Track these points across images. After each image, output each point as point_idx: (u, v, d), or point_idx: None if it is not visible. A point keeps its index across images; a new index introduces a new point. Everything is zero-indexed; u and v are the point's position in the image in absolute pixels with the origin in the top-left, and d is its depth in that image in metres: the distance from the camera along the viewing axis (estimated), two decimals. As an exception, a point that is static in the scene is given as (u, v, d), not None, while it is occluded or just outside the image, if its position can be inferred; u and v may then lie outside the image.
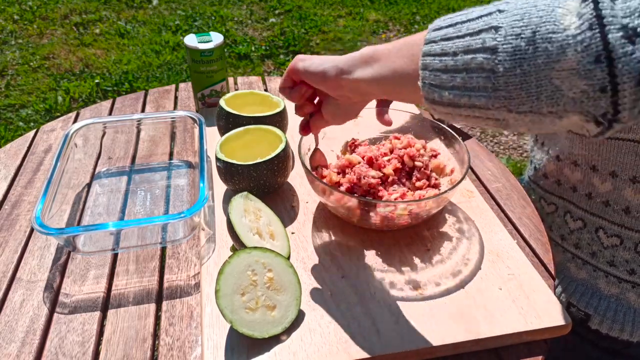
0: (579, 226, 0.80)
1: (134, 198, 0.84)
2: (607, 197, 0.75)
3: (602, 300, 0.79)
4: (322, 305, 0.62)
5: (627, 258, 0.76)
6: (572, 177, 0.80)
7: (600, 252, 0.78)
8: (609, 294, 0.79)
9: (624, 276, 0.77)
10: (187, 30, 3.36)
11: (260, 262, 0.60)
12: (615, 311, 0.78)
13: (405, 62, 0.48)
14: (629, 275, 0.77)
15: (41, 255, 0.73)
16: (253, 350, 0.57)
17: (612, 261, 0.78)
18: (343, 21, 3.58)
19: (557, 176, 0.83)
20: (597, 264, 0.79)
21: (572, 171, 0.79)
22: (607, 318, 0.79)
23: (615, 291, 0.79)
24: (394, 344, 0.57)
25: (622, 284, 0.78)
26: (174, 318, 0.64)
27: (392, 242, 0.72)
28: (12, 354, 0.60)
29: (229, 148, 0.78)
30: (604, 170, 0.74)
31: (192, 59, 0.97)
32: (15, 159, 0.93)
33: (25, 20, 3.46)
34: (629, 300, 0.78)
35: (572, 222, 0.81)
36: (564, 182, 0.82)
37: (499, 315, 0.61)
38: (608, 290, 0.79)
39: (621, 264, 0.77)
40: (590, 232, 0.79)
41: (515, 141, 2.42)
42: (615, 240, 0.76)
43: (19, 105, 2.55)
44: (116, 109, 1.09)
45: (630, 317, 0.78)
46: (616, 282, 0.78)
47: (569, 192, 0.81)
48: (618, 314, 0.78)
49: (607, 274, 0.79)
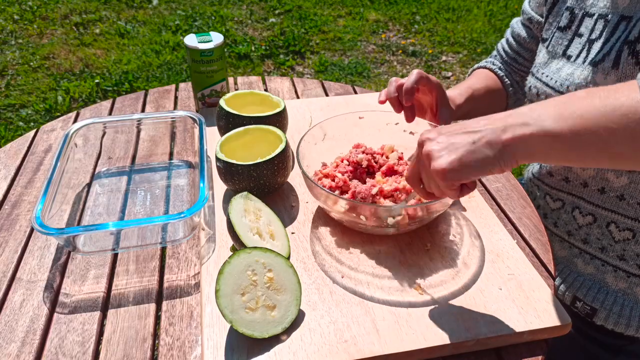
0: (588, 221, 0.80)
1: (134, 198, 0.84)
2: (622, 191, 0.75)
3: (609, 294, 0.80)
4: (322, 305, 0.62)
5: (638, 252, 0.77)
6: (583, 174, 0.79)
7: (611, 247, 0.79)
8: (616, 289, 0.80)
9: (633, 270, 0.78)
10: (187, 30, 3.36)
11: (260, 262, 0.60)
12: (622, 306, 0.79)
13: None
14: (639, 269, 0.77)
15: (41, 255, 0.73)
16: (253, 350, 0.57)
17: (623, 255, 0.78)
18: (343, 21, 3.58)
19: (565, 174, 0.82)
20: (607, 259, 0.80)
21: (584, 169, 0.79)
22: (613, 313, 0.79)
23: (622, 285, 0.79)
24: (394, 344, 0.57)
25: (630, 278, 0.78)
26: (174, 318, 0.64)
27: (392, 242, 0.72)
28: (12, 354, 0.60)
29: (229, 148, 0.78)
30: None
31: (192, 59, 0.97)
32: (15, 159, 0.93)
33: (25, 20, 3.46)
34: (637, 295, 0.78)
35: (581, 218, 0.81)
36: (573, 179, 0.81)
37: (499, 315, 0.61)
38: (616, 284, 0.80)
39: (631, 258, 0.77)
40: (600, 226, 0.79)
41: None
42: (627, 234, 0.76)
43: (19, 105, 2.55)
44: (116, 109, 1.09)
45: (637, 312, 0.78)
46: (624, 277, 0.78)
47: (579, 188, 0.81)
48: (625, 308, 0.78)
49: (615, 269, 0.79)
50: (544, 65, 0.83)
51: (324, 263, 0.68)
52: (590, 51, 0.75)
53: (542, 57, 0.85)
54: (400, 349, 0.57)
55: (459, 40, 3.29)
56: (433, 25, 3.51)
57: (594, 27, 0.76)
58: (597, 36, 0.75)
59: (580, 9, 0.79)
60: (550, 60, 0.83)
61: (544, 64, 0.84)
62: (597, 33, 0.75)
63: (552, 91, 0.79)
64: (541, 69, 0.84)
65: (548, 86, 0.81)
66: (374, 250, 0.70)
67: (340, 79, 2.84)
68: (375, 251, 0.70)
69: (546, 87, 0.81)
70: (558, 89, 0.78)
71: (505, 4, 3.75)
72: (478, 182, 0.87)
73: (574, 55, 0.78)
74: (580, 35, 0.78)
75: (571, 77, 0.76)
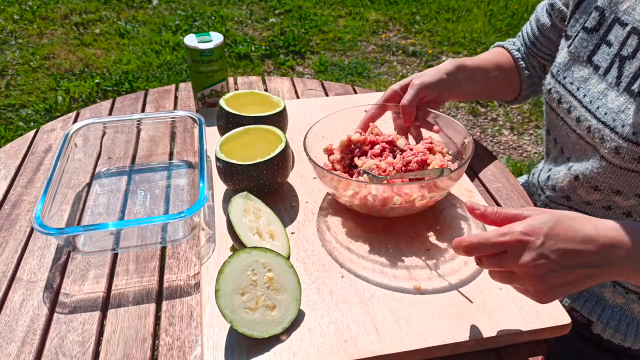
0: None
1: (134, 198, 0.84)
2: (629, 209, 0.73)
3: (606, 308, 0.78)
4: (322, 305, 0.62)
5: None
6: (588, 197, 0.76)
7: None
8: (613, 304, 0.78)
9: (631, 287, 0.76)
10: (187, 30, 3.36)
11: (260, 262, 0.60)
12: (618, 321, 0.77)
13: None
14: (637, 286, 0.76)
15: (41, 255, 0.73)
16: (253, 350, 0.57)
17: None
18: (343, 21, 3.57)
19: (568, 193, 0.79)
20: None
21: (589, 193, 0.76)
22: (610, 327, 0.77)
23: (620, 301, 0.77)
24: (394, 344, 0.57)
25: (628, 294, 0.77)
26: (174, 318, 0.64)
27: (393, 242, 0.72)
28: (12, 354, 0.60)
29: (229, 148, 0.78)
30: (629, 193, 0.71)
31: (192, 59, 0.97)
32: (15, 159, 0.93)
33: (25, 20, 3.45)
34: (633, 312, 0.77)
35: None
36: (576, 199, 0.79)
37: (499, 315, 0.61)
38: (613, 299, 0.78)
39: None
40: None
41: (515, 141, 2.42)
42: None
43: (19, 105, 2.55)
44: (116, 109, 1.09)
45: (634, 328, 0.76)
46: (623, 293, 0.77)
47: (582, 206, 0.78)
48: (621, 323, 0.77)
49: (614, 284, 0.77)
50: (565, 68, 0.78)
51: (324, 263, 0.68)
52: (623, 71, 0.69)
53: (563, 57, 0.79)
54: (400, 349, 0.57)
55: (459, 41, 3.29)
56: (433, 25, 3.51)
57: (626, 42, 0.69)
58: (629, 54, 0.68)
59: (611, 12, 0.72)
60: (572, 63, 0.77)
61: (565, 66, 0.78)
62: (630, 50, 0.68)
63: (579, 105, 0.74)
64: (563, 71, 0.78)
65: (574, 97, 0.75)
66: (374, 250, 0.70)
67: (340, 79, 2.84)
68: (375, 251, 0.70)
69: (571, 96, 0.76)
70: (587, 105, 0.72)
71: (506, 4, 3.75)
72: (478, 182, 0.87)
73: (602, 68, 0.72)
74: (608, 44, 0.72)
75: (604, 97, 0.70)
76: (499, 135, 2.46)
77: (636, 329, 0.76)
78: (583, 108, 0.73)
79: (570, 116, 0.76)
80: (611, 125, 0.68)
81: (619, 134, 0.67)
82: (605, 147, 0.69)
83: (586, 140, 0.74)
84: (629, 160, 0.67)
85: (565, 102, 0.77)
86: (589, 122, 0.72)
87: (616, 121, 0.68)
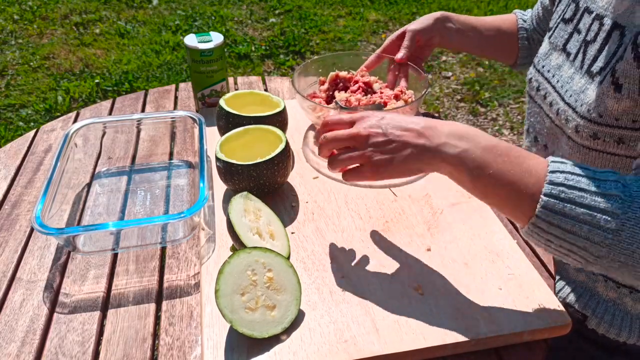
0: None
1: (134, 198, 0.84)
2: None
3: (600, 303, 0.79)
4: (322, 305, 0.62)
5: None
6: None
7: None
8: (606, 298, 0.79)
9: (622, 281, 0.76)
10: (187, 30, 3.36)
11: (260, 262, 0.60)
12: (612, 315, 0.78)
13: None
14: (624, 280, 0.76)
15: (41, 255, 0.73)
16: (253, 350, 0.57)
17: None
18: (343, 21, 3.57)
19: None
20: None
21: None
22: (604, 321, 0.78)
23: (613, 295, 0.78)
24: (394, 344, 0.57)
25: (620, 289, 0.77)
26: (174, 318, 0.64)
27: (392, 242, 0.72)
28: (12, 353, 0.60)
29: (229, 148, 0.78)
30: None
31: (192, 59, 0.97)
32: (15, 159, 0.93)
33: (25, 20, 3.46)
34: (626, 306, 0.77)
35: None
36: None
37: (499, 315, 0.61)
38: (606, 294, 0.79)
39: None
40: None
41: (515, 141, 2.42)
42: None
43: (19, 105, 2.55)
44: (116, 108, 1.09)
45: (627, 322, 0.77)
46: (614, 287, 0.77)
47: None
48: (615, 318, 0.78)
49: (606, 279, 0.78)
50: (544, 57, 0.82)
51: (324, 263, 0.68)
52: (586, 54, 0.73)
53: (544, 47, 0.84)
54: (400, 349, 0.57)
55: (459, 40, 3.29)
56: (433, 25, 3.51)
57: (590, 27, 0.74)
58: (592, 38, 0.73)
59: (584, 2, 0.76)
60: (550, 52, 0.81)
61: (544, 56, 0.82)
62: (592, 35, 0.73)
63: (553, 90, 0.78)
64: (542, 60, 0.82)
65: (549, 83, 0.79)
66: (374, 251, 0.70)
67: (340, 79, 2.83)
68: (375, 251, 0.70)
69: (547, 83, 0.80)
70: (559, 90, 0.77)
71: (506, 4, 3.75)
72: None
73: (572, 54, 0.76)
74: (579, 32, 0.76)
75: (571, 81, 0.74)
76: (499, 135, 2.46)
77: (630, 323, 0.77)
78: (555, 93, 0.78)
79: (546, 101, 0.81)
80: (573, 105, 0.72)
81: (578, 113, 0.71)
82: (569, 127, 0.73)
83: (556, 123, 0.78)
84: (586, 137, 0.70)
85: (543, 89, 0.82)
86: (558, 105, 0.76)
87: (577, 101, 0.72)
